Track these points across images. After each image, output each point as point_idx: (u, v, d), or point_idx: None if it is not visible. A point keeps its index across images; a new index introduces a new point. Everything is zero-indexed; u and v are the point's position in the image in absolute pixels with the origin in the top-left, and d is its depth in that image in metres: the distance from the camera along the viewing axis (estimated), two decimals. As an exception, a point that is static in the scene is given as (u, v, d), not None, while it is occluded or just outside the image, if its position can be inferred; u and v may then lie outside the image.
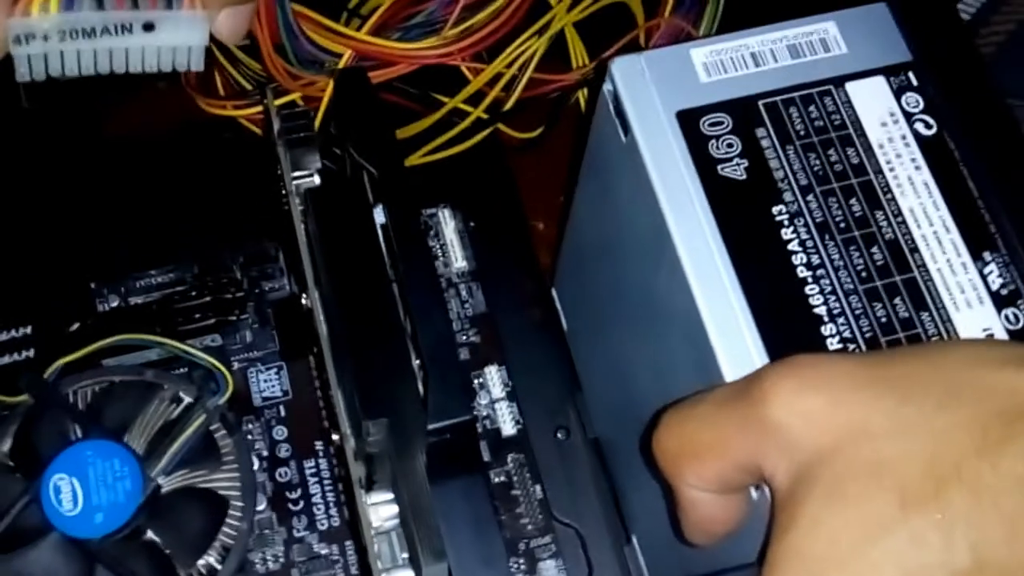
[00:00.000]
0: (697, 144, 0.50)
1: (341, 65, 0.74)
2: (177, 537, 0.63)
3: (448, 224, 0.68)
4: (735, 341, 0.47)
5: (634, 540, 0.69)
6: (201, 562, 0.64)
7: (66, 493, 0.61)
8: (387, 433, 0.52)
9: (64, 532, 0.61)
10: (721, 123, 0.50)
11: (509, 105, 0.78)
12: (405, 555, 0.54)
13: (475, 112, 0.77)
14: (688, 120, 0.50)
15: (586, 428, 0.69)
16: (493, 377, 0.65)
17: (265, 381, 0.71)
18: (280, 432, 0.70)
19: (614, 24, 0.80)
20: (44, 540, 0.61)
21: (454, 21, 0.76)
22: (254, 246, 0.75)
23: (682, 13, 0.78)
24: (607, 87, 0.52)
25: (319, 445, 0.70)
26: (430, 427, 0.50)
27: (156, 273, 0.74)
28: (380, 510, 0.54)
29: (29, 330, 0.71)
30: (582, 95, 0.80)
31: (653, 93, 0.51)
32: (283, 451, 0.69)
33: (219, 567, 0.64)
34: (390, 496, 0.54)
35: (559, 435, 0.70)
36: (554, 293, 0.76)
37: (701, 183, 0.49)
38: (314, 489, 0.68)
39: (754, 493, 0.46)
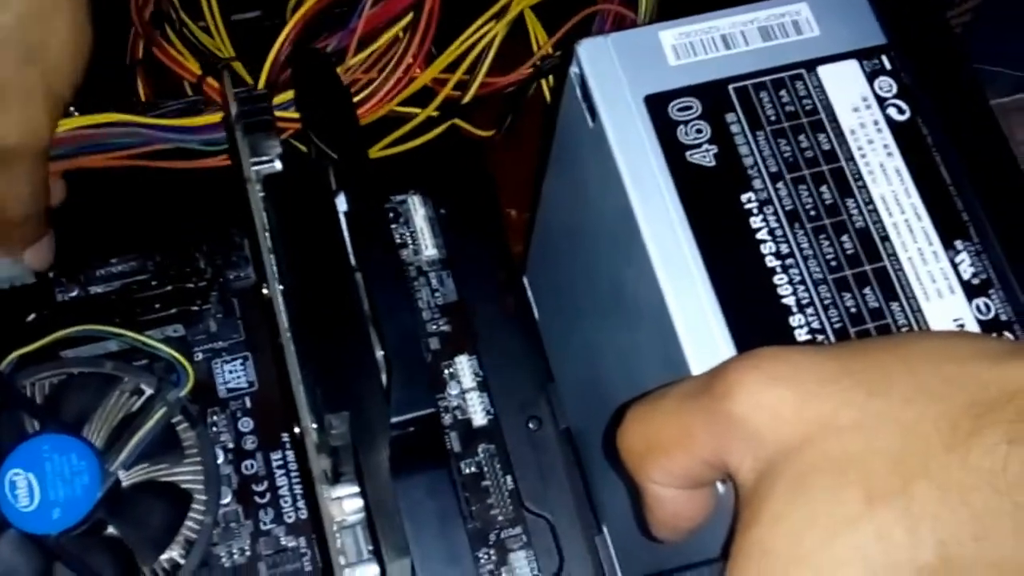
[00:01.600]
0: (665, 129, 0.48)
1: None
2: (138, 532, 0.61)
3: (418, 211, 0.67)
4: (702, 333, 0.45)
5: (605, 530, 0.68)
6: (164, 557, 0.62)
7: (22, 489, 0.59)
8: (349, 426, 0.51)
9: (21, 529, 0.59)
10: (690, 108, 0.49)
11: (468, 98, 0.76)
12: (370, 548, 0.53)
13: (426, 111, 0.76)
14: (656, 105, 0.49)
15: (558, 418, 0.69)
16: (464, 367, 0.64)
17: (230, 372, 0.70)
18: (246, 424, 0.68)
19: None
20: (0, 537, 0.60)
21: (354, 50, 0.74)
22: (218, 234, 0.73)
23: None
24: (573, 70, 0.51)
25: (286, 437, 0.68)
26: (393, 420, 0.49)
27: (117, 262, 0.72)
28: (345, 504, 0.53)
29: (-12, 317, 0.69)
30: (546, 83, 0.78)
31: (621, 76, 0.50)
32: (249, 443, 0.68)
33: (183, 562, 0.62)
34: (356, 490, 0.53)
35: (531, 425, 0.69)
36: (525, 281, 0.75)
37: (669, 170, 0.48)
38: (281, 481, 0.67)
39: (720, 487, 0.45)
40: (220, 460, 0.66)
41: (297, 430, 0.57)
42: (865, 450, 0.38)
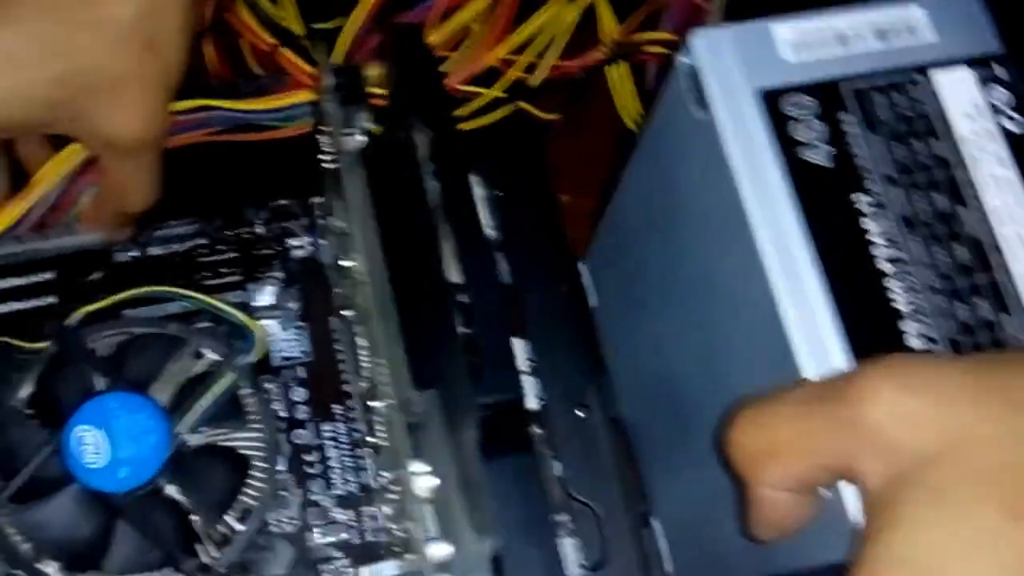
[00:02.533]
0: (779, 125, 0.48)
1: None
2: (200, 495, 0.61)
3: (475, 192, 0.67)
4: (813, 334, 0.45)
5: (655, 523, 0.68)
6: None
7: (90, 445, 0.59)
8: (435, 405, 0.50)
9: (86, 484, 0.59)
10: (804, 105, 0.49)
11: (537, 81, 0.76)
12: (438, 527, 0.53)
13: (492, 91, 0.75)
14: (771, 99, 0.49)
15: (609, 407, 0.68)
16: (516, 350, 0.64)
17: (285, 341, 0.70)
18: (299, 394, 0.69)
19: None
20: (64, 492, 0.60)
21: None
22: (277, 202, 0.73)
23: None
24: (684, 60, 0.51)
25: (338, 409, 0.68)
26: (481, 401, 0.49)
27: (176, 225, 0.72)
28: (419, 481, 0.53)
29: (52, 275, 0.68)
30: (613, 72, 0.77)
31: (735, 69, 0.49)
32: (301, 413, 0.68)
33: (237, 527, 0.62)
34: (428, 468, 0.53)
35: (580, 412, 0.69)
36: (584, 267, 0.74)
37: (782, 166, 0.47)
38: (331, 453, 0.67)
39: (825, 492, 0.44)
40: (273, 428, 0.66)
41: (377, 404, 0.57)
42: (1007, 464, 0.38)
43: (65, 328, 0.64)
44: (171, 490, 0.61)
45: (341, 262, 0.59)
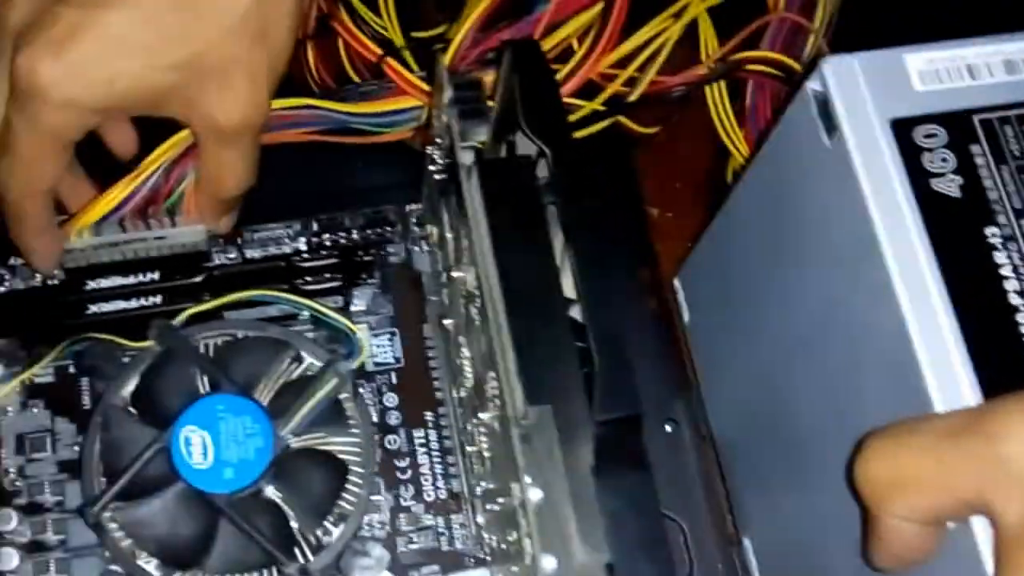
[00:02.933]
0: (911, 155, 0.48)
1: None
2: (301, 498, 0.62)
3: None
4: (945, 367, 0.45)
5: (746, 542, 0.68)
6: (318, 525, 0.63)
7: (196, 446, 0.60)
8: (546, 419, 0.51)
9: (192, 485, 0.60)
10: (935, 135, 0.49)
11: (635, 96, 0.76)
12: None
13: (592, 104, 0.75)
14: (902, 129, 0.49)
15: (699, 423, 0.69)
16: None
17: (378, 347, 0.70)
18: (391, 399, 0.69)
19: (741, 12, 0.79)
20: (169, 490, 0.61)
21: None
22: (374, 209, 0.74)
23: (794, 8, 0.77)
24: (813, 86, 0.51)
25: (429, 416, 0.69)
26: (598, 419, 0.49)
27: (275, 227, 0.72)
28: (529, 492, 0.53)
29: (156, 276, 0.69)
30: (713, 90, 0.78)
31: (867, 97, 0.49)
32: (393, 419, 0.69)
33: (334, 530, 0.63)
34: (529, 480, 0.53)
35: (668, 427, 0.69)
36: (677, 283, 0.75)
37: (914, 196, 0.47)
38: (422, 459, 0.68)
39: (950, 524, 0.44)
40: (365, 433, 0.67)
41: (484, 415, 0.57)
42: None
43: (171, 328, 0.64)
44: (271, 492, 0.62)
45: (453, 273, 0.59)
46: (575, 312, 0.53)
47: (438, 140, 0.60)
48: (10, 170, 0.61)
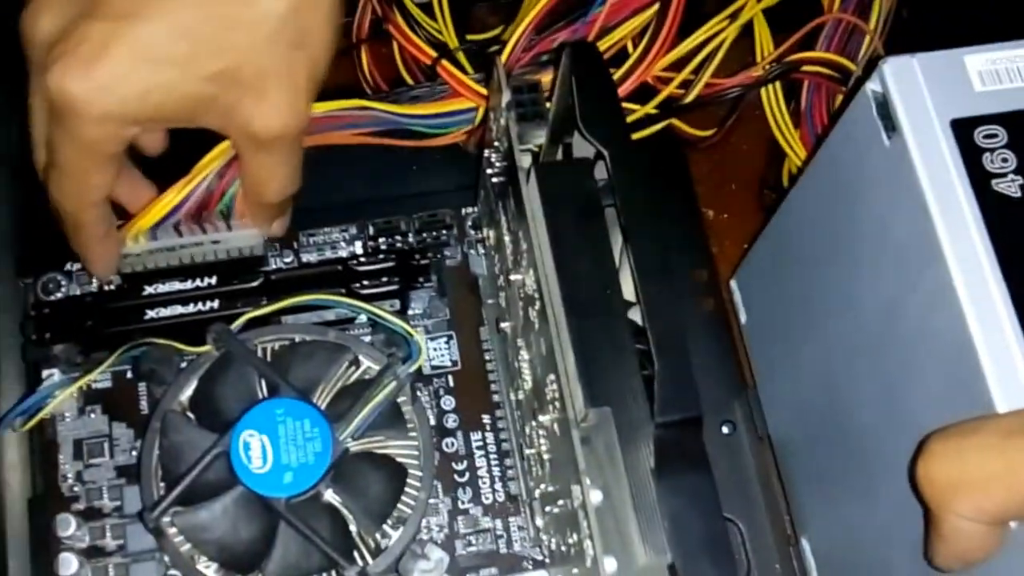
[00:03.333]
0: (971, 155, 0.48)
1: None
2: (360, 502, 0.62)
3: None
4: (1007, 367, 0.45)
5: (804, 542, 0.68)
6: (376, 528, 0.63)
7: (256, 450, 0.60)
8: (606, 420, 0.51)
9: (252, 489, 0.60)
10: (996, 136, 0.49)
11: (691, 98, 0.76)
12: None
13: (646, 107, 0.76)
14: (962, 129, 0.49)
15: (756, 424, 0.69)
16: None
17: (435, 350, 0.71)
18: (448, 402, 0.70)
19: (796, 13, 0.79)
20: (229, 494, 0.61)
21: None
22: (430, 212, 0.74)
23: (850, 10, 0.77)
24: (873, 87, 0.51)
25: (487, 419, 0.69)
26: (658, 420, 0.49)
27: (331, 230, 0.73)
28: (590, 494, 0.53)
29: (214, 280, 0.70)
30: (768, 91, 0.77)
31: (926, 98, 0.49)
32: (450, 421, 0.69)
33: (393, 534, 0.63)
34: (589, 482, 0.53)
35: (724, 429, 0.69)
36: (733, 284, 0.75)
37: (975, 196, 0.47)
38: (480, 462, 0.68)
39: (1012, 523, 0.44)
40: (423, 437, 0.67)
41: (544, 418, 0.57)
42: None
43: (230, 332, 0.64)
44: (330, 496, 0.62)
45: (511, 276, 0.59)
46: (634, 314, 0.53)
47: (495, 143, 0.60)
48: (60, 184, 0.61)
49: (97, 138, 0.58)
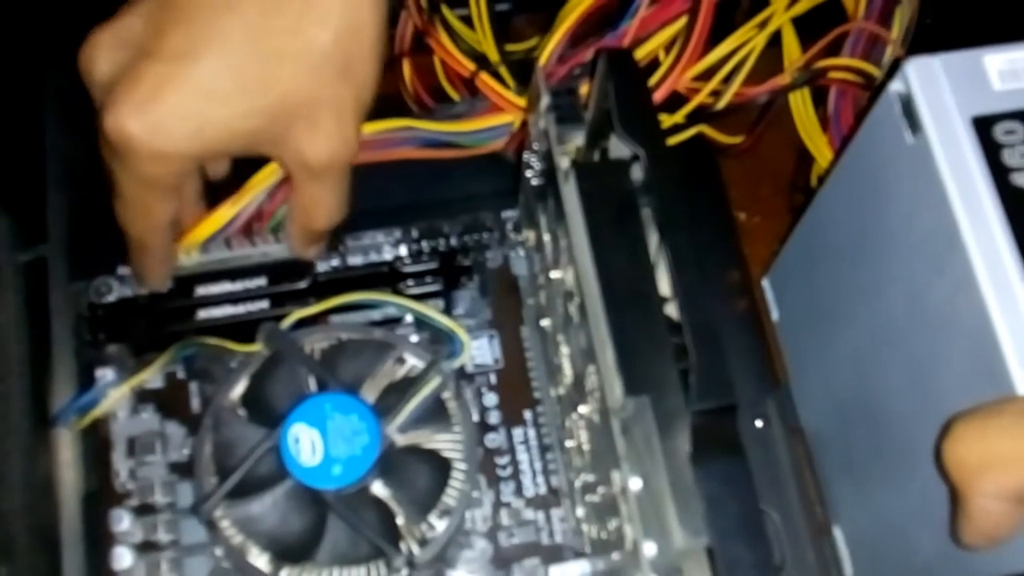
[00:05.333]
0: (991, 151, 0.50)
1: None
2: (406, 494, 0.64)
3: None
4: (1027, 351, 0.47)
5: (836, 531, 0.70)
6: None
7: (305, 444, 0.62)
8: (644, 409, 0.52)
9: (301, 481, 0.62)
10: (1015, 132, 0.51)
11: (721, 106, 0.78)
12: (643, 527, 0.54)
13: (675, 116, 0.77)
14: (983, 126, 0.51)
15: (788, 418, 0.70)
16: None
17: (477, 348, 0.73)
18: (490, 399, 0.71)
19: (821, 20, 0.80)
20: (279, 486, 0.63)
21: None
22: (471, 215, 0.76)
23: (873, 18, 0.78)
24: (896, 87, 0.53)
25: (528, 415, 0.72)
26: (695, 408, 0.51)
27: (376, 234, 0.75)
28: (630, 481, 0.55)
29: (264, 281, 0.72)
30: (796, 97, 0.79)
31: (948, 97, 0.51)
32: (493, 418, 0.71)
33: (438, 525, 0.65)
34: (628, 468, 0.55)
35: (758, 423, 0.71)
36: (765, 283, 0.76)
37: (996, 191, 0.49)
38: (522, 457, 0.70)
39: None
40: (467, 432, 0.69)
41: (584, 408, 0.59)
42: None
43: (280, 331, 0.67)
44: (378, 488, 0.64)
45: (551, 273, 0.61)
46: (668, 310, 0.55)
47: (534, 146, 0.62)
48: (124, 213, 0.64)
49: (153, 174, 0.60)
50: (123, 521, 0.67)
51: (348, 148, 0.62)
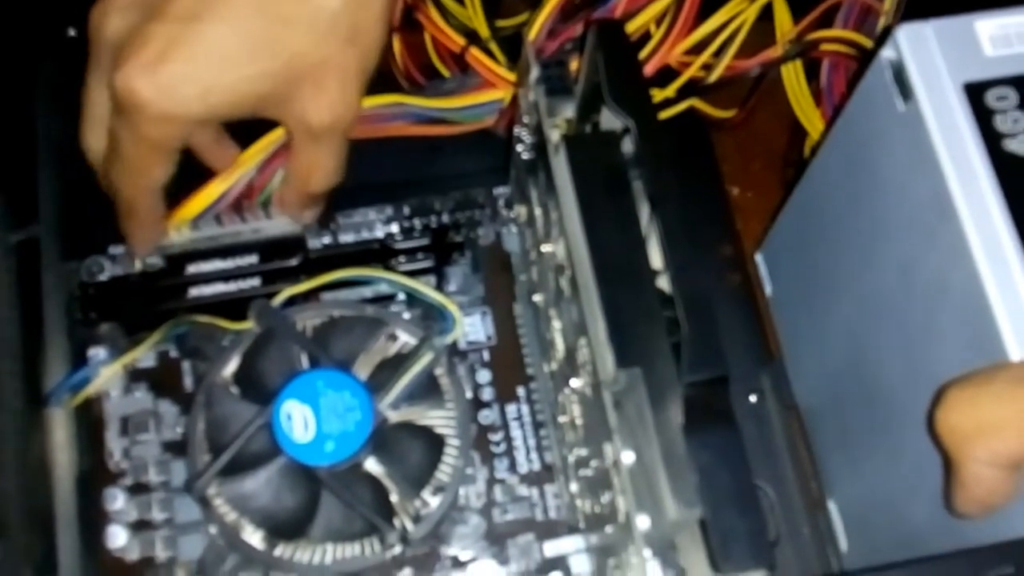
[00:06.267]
0: (983, 117, 0.50)
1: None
2: (399, 470, 0.64)
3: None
4: (1020, 319, 0.47)
5: (830, 505, 0.70)
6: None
7: (298, 420, 0.62)
8: (637, 382, 0.52)
9: (294, 458, 0.62)
10: (1006, 97, 0.50)
11: (713, 80, 0.77)
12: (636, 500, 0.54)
13: (666, 91, 0.77)
14: (974, 92, 0.50)
15: (782, 393, 0.70)
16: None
17: (470, 325, 0.73)
18: (484, 376, 0.71)
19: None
20: (271, 464, 0.63)
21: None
22: (462, 192, 0.76)
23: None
24: (888, 54, 0.52)
25: (521, 391, 0.71)
26: (687, 380, 0.51)
27: (367, 211, 0.75)
28: (623, 454, 0.55)
29: (255, 259, 0.72)
30: (789, 70, 0.79)
31: (940, 63, 0.51)
32: (486, 394, 0.71)
33: (432, 502, 0.65)
34: (621, 441, 0.54)
35: (752, 398, 0.71)
36: (758, 258, 0.76)
37: (988, 157, 0.49)
38: (515, 433, 0.70)
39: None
40: (459, 409, 0.69)
41: (576, 382, 0.59)
42: None
43: (271, 309, 0.66)
44: (371, 465, 0.64)
45: (543, 247, 0.61)
46: (660, 284, 0.55)
47: (525, 119, 0.62)
48: (120, 173, 0.64)
49: (157, 135, 0.61)
50: (117, 500, 0.67)
51: (350, 111, 0.63)
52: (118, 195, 0.65)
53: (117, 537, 0.66)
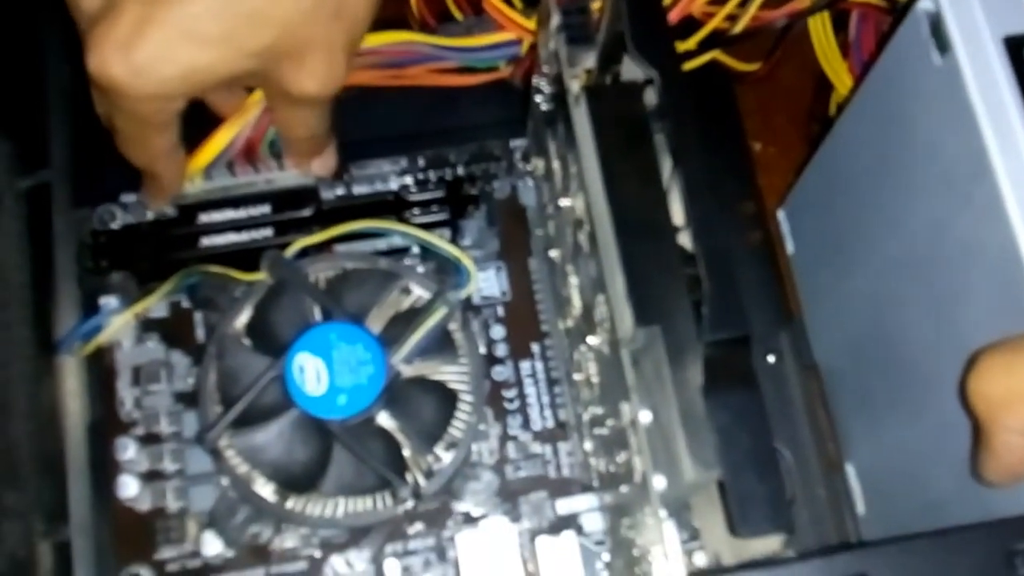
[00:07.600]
0: (1023, 72, 0.48)
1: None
2: (412, 424, 0.63)
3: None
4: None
5: (848, 468, 0.69)
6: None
7: (310, 373, 0.61)
8: (656, 340, 0.51)
9: (307, 411, 0.61)
10: (1047, 52, 0.49)
11: (738, 31, 0.75)
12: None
13: (689, 42, 0.75)
14: (1015, 46, 0.49)
15: (801, 353, 0.69)
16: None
17: (484, 280, 0.71)
18: (498, 332, 0.70)
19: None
20: (284, 416, 0.62)
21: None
22: (478, 144, 0.74)
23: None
24: (925, 6, 0.51)
25: (535, 347, 0.70)
26: (707, 339, 0.50)
27: (381, 162, 0.74)
28: (640, 413, 0.54)
29: (268, 209, 0.70)
30: (816, 21, 0.77)
31: (979, 15, 0.50)
32: (500, 350, 0.70)
33: (444, 457, 0.64)
34: (638, 400, 0.53)
35: (771, 358, 0.70)
36: (781, 215, 0.75)
37: (1027, 113, 0.48)
38: (529, 390, 0.69)
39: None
40: (473, 364, 0.68)
41: (593, 339, 0.58)
42: None
43: (284, 260, 0.65)
44: (383, 419, 0.63)
45: (561, 201, 0.60)
46: (681, 240, 0.53)
47: (544, 69, 0.61)
48: (124, 147, 0.63)
49: (144, 112, 0.59)
50: (128, 450, 0.66)
51: (336, 83, 0.61)
52: (135, 163, 0.64)
53: (128, 487, 0.65)
